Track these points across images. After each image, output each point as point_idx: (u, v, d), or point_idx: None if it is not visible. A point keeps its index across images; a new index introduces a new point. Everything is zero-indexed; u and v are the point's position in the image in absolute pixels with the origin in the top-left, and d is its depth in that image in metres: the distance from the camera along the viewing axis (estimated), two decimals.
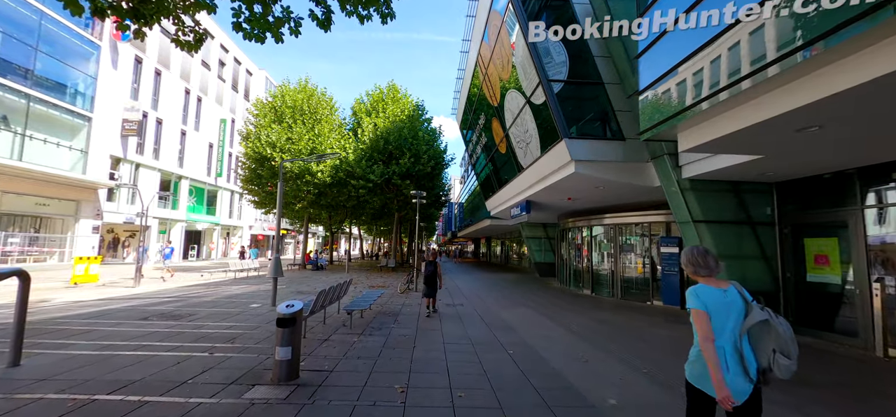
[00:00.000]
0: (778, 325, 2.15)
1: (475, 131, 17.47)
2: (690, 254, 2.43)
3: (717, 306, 2.24)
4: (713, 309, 2.24)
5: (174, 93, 29.64)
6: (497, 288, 15.34)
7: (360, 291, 12.88)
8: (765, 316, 2.18)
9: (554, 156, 9.27)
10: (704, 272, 2.36)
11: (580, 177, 8.84)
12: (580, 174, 8.64)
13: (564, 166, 8.93)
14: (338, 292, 7.82)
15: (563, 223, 16.06)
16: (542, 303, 11.02)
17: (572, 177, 8.88)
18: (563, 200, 12.13)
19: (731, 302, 2.26)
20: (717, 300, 2.25)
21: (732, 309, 2.25)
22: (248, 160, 21.65)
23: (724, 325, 2.23)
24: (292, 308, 4.44)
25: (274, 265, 9.31)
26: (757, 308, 2.23)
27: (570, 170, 8.67)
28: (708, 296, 2.26)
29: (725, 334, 2.22)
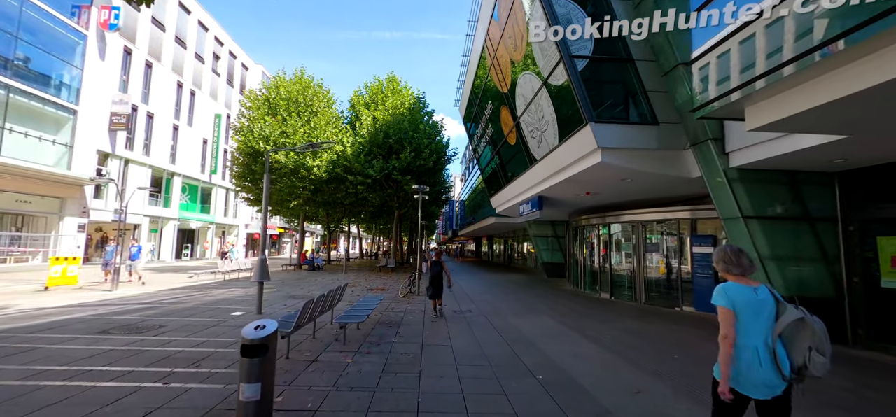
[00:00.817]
0: (813, 323, 2.16)
1: (480, 123, 16.38)
2: (723, 252, 2.44)
3: (747, 304, 2.25)
4: (743, 308, 2.25)
5: (166, 86, 28.53)
6: (505, 290, 14.27)
7: (357, 295, 11.82)
8: (800, 314, 2.19)
9: (575, 144, 8.19)
10: (737, 271, 2.37)
11: (607, 167, 7.77)
12: (607, 164, 7.57)
13: (589, 155, 7.85)
14: (331, 299, 6.75)
15: (575, 221, 14.99)
16: (559, 309, 9.95)
17: (598, 167, 7.80)
18: (580, 195, 11.05)
19: (763, 301, 2.27)
20: (747, 298, 2.26)
21: (763, 307, 2.25)
22: (241, 155, 20.57)
23: (755, 324, 2.24)
24: (262, 330, 3.36)
25: (259, 268, 8.23)
26: (791, 307, 2.23)
27: (596, 159, 7.59)
28: (737, 295, 2.28)
29: (756, 332, 2.23)
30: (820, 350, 2.12)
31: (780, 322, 2.22)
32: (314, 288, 13.66)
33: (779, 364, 2.17)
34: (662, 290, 10.52)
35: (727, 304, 2.28)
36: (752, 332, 2.24)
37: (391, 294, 12.45)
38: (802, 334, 2.18)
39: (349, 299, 10.93)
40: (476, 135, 18.27)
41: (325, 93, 22.38)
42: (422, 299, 11.47)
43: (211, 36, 33.98)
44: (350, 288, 13.50)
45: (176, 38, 29.55)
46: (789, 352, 2.20)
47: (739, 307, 2.26)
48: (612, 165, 7.65)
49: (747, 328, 2.24)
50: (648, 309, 10.17)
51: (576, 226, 14.99)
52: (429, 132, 20.86)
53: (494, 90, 13.24)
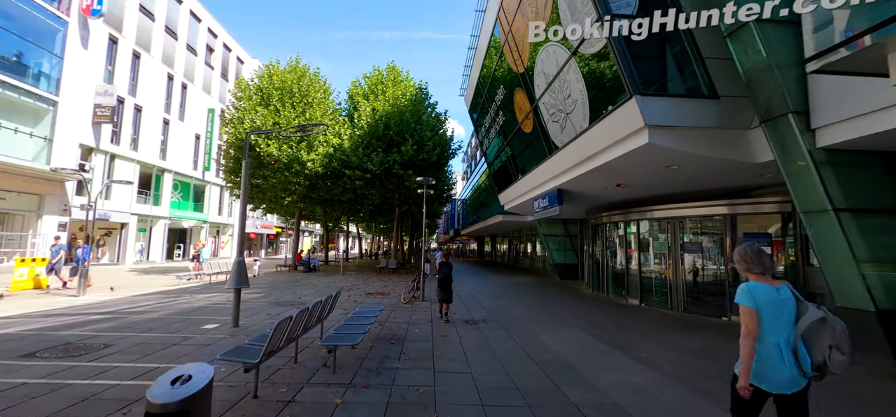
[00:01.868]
0: (835, 323, 2.22)
1: (489, 112, 15.04)
2: (744, 252, 2.47)
3: (769, 303, 2.30)
4: (766, 307, 2.30)
5: (155, 78, 27.19)
6: (517, 294, 12.93)
7: (354, 301, 10.48)
8: (821, 313, 2.24)
9: (613, 125, 6.84)
10: (758, 269, 2.42)
11: (654, 151, 6.42)
12: (655, 147, 6.22)
13: (631, 136, 6.51)
14: (317, 312, 5.42)
15: (594, 218, 13.65)
16: (586, 318, 8.61)
17: (642, 152, 6.46)
18: (608, 188, 9.71)
19: (784, 300, 2.32)
20: (769, 297, 2.31)
21: (785, 306, 2.31)
22: (230, 148, 19.22)
23: (777, 322, 2.28)
24: (182, 387, 2.02)
25: (235, 272, 6.89)
26: (812, 307, 2.28)
27: (641, 141, 6.25)
28: (761, 294, 2.32)
29: (779, 330, 2.28)
30: (840, 349, 2.18)
31: (802, 321, 2.27)
32: (307, 292, 12.32)
33: (800, 361, 2.24)
34: (704, 296, 9.18)
35: (750, 304, 2.32)
36: (775, 330, 2.29)
37: (392, 299, 11.12)
38: (823, 333, 2.23)
39: (345, 306, 9.60)
40: (484, 125, 16.92)
41: (321, 84, 21.04)
42: (427, 305, 10.15)
43: (204, 27, 32.63)
44: (346, 293, 12.17)
45: (166, 28, 28.20)
46: (810, 350, 2.27)
47: (762, 306, 2.30)
48: (660, 148, 6.31)
49: (770, 326, 2.30)
50: (690, 318, 8.82)
51: (595, 224, 13.64)
52: (432, 124, 19.51)
53: (508, 72, 11.89)
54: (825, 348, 2.22)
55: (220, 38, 35.21)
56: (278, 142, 17.93)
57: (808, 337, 2.27)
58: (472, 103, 17.50)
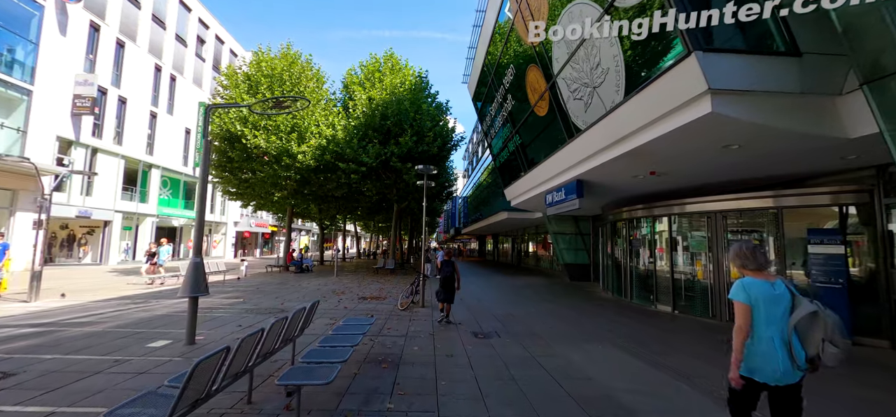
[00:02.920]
0: (827, 317, 2.25)
1: (496, 98, 13.68)
2: (739, 249, 2.57)
3: (765, 298, 2.36)
4: (761, 302, 2.35)
5: (142, 69, 25.84)
6: (530, 299, 11.60)
7: (344, 307, 9.14)
8: (814, 308, 2.27)
9: (660, 94, 5.50)
10: (753, 266, 2.48)
11: (715, 124, 5.08)
12: (719, 118, 4.88)
13: (686, 107, 5.16)
14: (281, 335, 4.08)
15: (612, 214, 12.31)
16: (620, 331, 7.27)
17: (700, 125, 5.11)
18: (640, 176, 8.36)
19: (780, 295, 2.36)
20: (765, 293, 2.37)
21: (780, 301, 2.35)
22: (216, 139, 17.86)
23: (772, 316, 2.34)
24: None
25: (188, 278, 5.55)
26: (806, 301, 2.32)
27: (700, 110, 4.91)
28: (756, 290, 2.38)
29: (773, 324, 2.33)
30: (833, 342, 2.21)
31: (794, 315, 2.30)
32: (294, 296, 10.99)
33: (793, 354, 2.27)
34: None
35: (745, 300, 2.39)
36: (770, 324, 2.34)
37: (389, 304, 9.78)
38: (816, 327, 2.26)
39: (333, 314, 8.26)
40: (489, 114, 15.57)
41: (314, 72, 19.67)
42: (428, 312, 8.81)
43: (194, 17, 31.27)
44: (337, 297, 10.84)
45: (153, 17, 26.85)
46: (803, 344, 2.29)
47: (758, 301, 2.36)
48: (725, 121, 4.97)
49: (765, 320, 2.35)
50: None
51: (614, 221, 12.29)
52: (432, 114, 18.14)
53: (519, 47, 10.55)
54: (818, 341, 2.26)
55: (212, 29, 33.85)
56: (266, 133, 16.58)
57: (802, 330, 2.31)
58: (476, 90, 16.15)
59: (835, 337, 2.21)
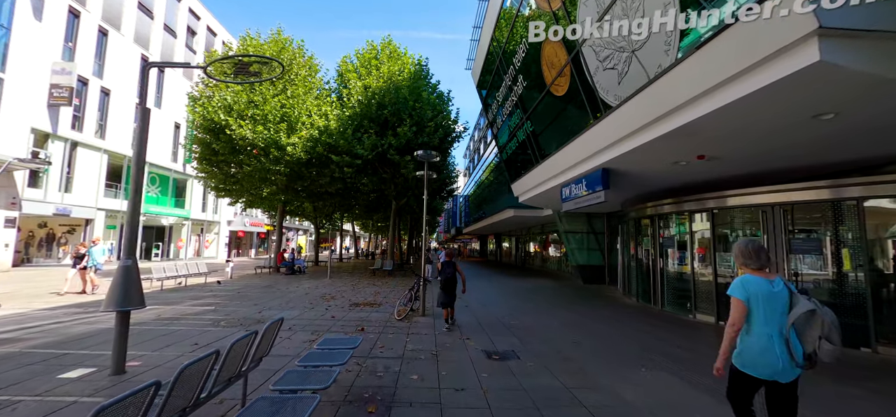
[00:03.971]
0: (824, 314, 2.29)
1: (504, 81, 12.36)
2: (743, 247, 2.58)
3: (763, 296, 2.39)
4: (759, 299, 2.39)
5: (126, 59, 24.53)
6: (544, 306, 10.29)
7: (331, 317, 7.81)
8: (812, 305, 2.31)
9: (740, 44, 4.18)
10: (755, 264, 2.51)
11: (820, 77, 3.77)
12: (827, 67, 3.57)
13: (781, 56, 3.83)
14: (245, 356, 2.74)
15: (635, 210, 11.00)
16: (664, 349, 5.94)
17: (802, 78, 3.80)
18: (681, 161, 7.04)
19: (778, 293, 2.40)
20: (763, 290, 2.41)
21: (778, 299, 2.39)
22: (198, 131, 16.53)
23: (770, 314, 2.38)
24: None
25: (117, 286, 4.23)
26: (804, 299, 2.37)
27: (805, 58, 3.60)
28: (755, 287, 2.42)
29: (772, 322, 2.38)
30: (829, 340, 2.26)
31: (792, 312, 2.34)
32: (276, 304, 9.66)
33: (791, 351, 2.32)
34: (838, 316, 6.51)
35: (742, 297, 2.44)
36: (768, 321, 2.38)
37: (384, 312, 8.46)
38: (813, 324, 2.31)
39: (317, 326, 6.94)
40: (495, 102, 14.24)
41: (307, 59, 18.35)
42: (429, 322, 7.49)
43: (184, 7, 29.94)
44: (326, 304, 9.51)
45: (139, 5, 25.54)
46: (801, 341, 2.34)
47: (756, 298, 2.40)
48: (835, 72, 3.65)
49: (764, 317, 2.39)
50: None
51: (638, 217, 10.97)
52: (433, 103, 16.80)
53: (536, 12, 9.22)
54: (815, 338, 2.30)
55: (204, 20, 32.51)
56: (253, 123, 15.25)
57: (799, 328, 2.35)
58: (481, 77, 14.83)
59: (831, 335, 2.27)
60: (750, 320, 2.44)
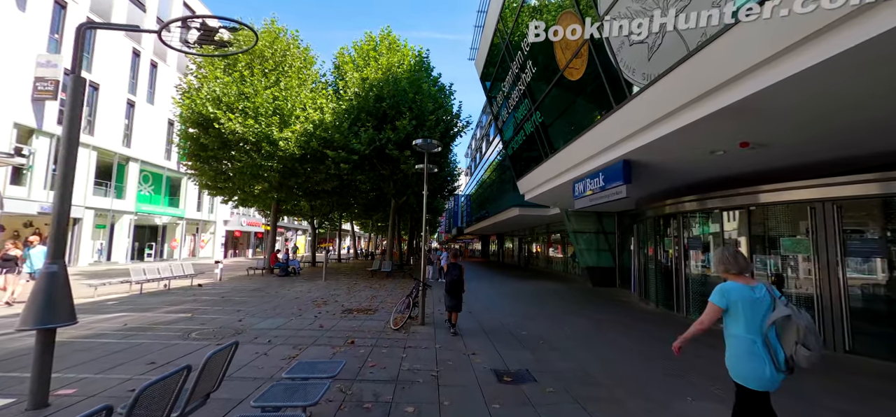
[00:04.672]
0: (799, 320, 2.32)
1: (510, 70, 11.48)
2: (722, 255, 2.63)
3: (745, 302, 2.41)
4: (741, 305, 2.42)
5: (117, 53, 23.74)
6: (555, 313, 9.42)
7: (316, 329, 6.94)
8: (788, 311, 2.34)
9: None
10: (735, 269, 2.55)
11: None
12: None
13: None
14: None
15: (652, 209, 10.13)
16: (707, 371, 5.06)
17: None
18: (718, 151, 6.16)
19: (760, 298, 2.42)
20: (745, 296, 2.42)
21: (761, 305, 2.40)
22: (186, 124, 15.70)
23: (752, 319, 2.39)
24: None
25: (36, 298, 3.37)
26: (781, 304, 2.39)
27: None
28: (735, 293, 2.45)
29: (754, 327, 2.39)
30: (805, 345, 2.28)
31: (771, 316, 2.36)
32: (261, 310, 8.80)
33: (773, 355, 2.34)
34: (888, 328, 5.61)
35: (720, 304, 2.48)
36: (751, 327, 2.39)
37: (379, 320, 7.60)
38: (789, 329, 2.34)
39: (299, 338, 6.08)
40: (500, 93, 13.37)
41: (302, 50, 17.50)
42: (429, 332, 6.63)
43: (179, 0, 29.09)
44: (317, 310, 8.65)
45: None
46: (781, 345, 2.37)
47: (736, 304, 2.43)
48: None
49: (746, 323, 2.40)
50: (872, 366, 5.27)
51: (656, 216, 10.09)
52: (434, 95, 15.93)
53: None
54: (792, 344, 2.32)
55: (199, 13, 31.60)
56: (243, 116, 14.39)
57: (778, 333, 2.37)
58: (485, 67, 13.95)
59: (807, 340, 2.29)
60: (733, 326, 2.47)
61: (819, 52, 3.42)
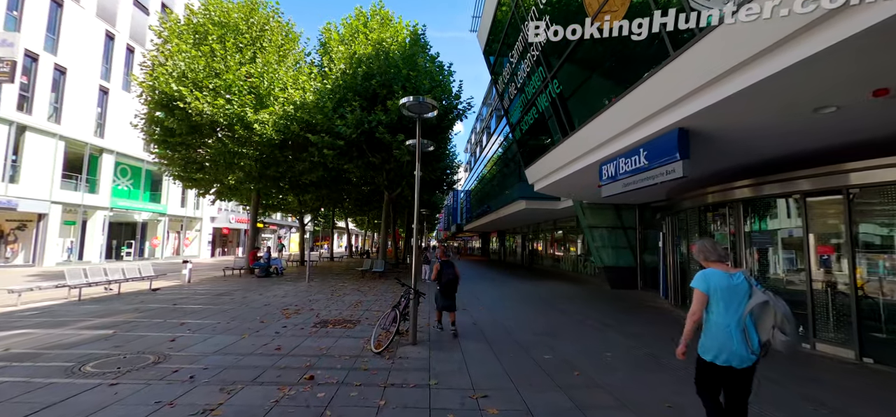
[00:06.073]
0: (777, 306, 2.38)
1: (521, 35, 9.69)
2: (702, 245, 2.73)
3: (723, 288, 2.51)
4: (719, 291, 2.51)
5: (88, 35, 21.84)
6: (587, 328, 7.68)
7: (270, 354, 5.17)
8: (765, 297, 2.41)
9: None
10: (714, 257, 2.66)
11: None
12: None
13: None
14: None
15: (689, 197, 8.37)
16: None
17: None
18: (832, 104, 4.39)
19: (737, 285, 2.51)
20: (723, 283, 2.52)
21: (737, 292, 2.50)
22: (148, 106, 13.86)
23: (730, 305, 2.49)
24: None
25: None
26: (759, 291, 2.47)
27: None
28: (715, 280, 2.54)
29: (731, 313, 2.48)
30: (782, 330, 2.35)
31: (749, 303, 2.45)
32: (208, 325, 7.03)
33: (748, 339, 2.44)
34: None
35: (703, 288, 2.57)
36: (728, 312, 2.49)
37: (358, 338, 5.84)
38: (766, 315, 2.42)
39: (237, 374, 4.32)
40: (508, 67, 11.57)
41: (283, 25, 15.67)
42: (421, 355, 4.85)
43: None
44: (282, 322, 6.88)
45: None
46: (757, 329, 2.46)
47: (716, 290, 2.52)
48: None
49: (724, 308, 2.50)
50: None
51: (697, 206, 8.33)
52: (431, 72, 14.12)
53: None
54: (769, 329, 2.40)
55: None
56: (212, 95, 12.57)
57: (755, 318, 2.45)
58: (490, 35, 12.15)
59: (784, 325, 2.35)
60: (710, 311, 2.56)
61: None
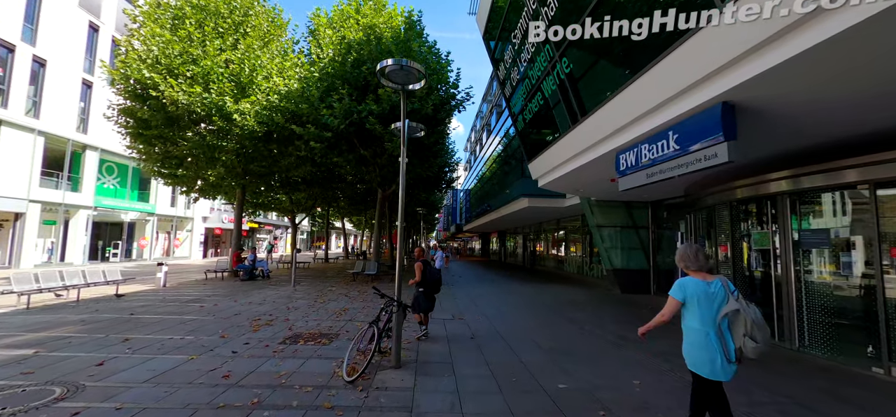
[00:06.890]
0: (747, 314, 2.43)
1: (526, 8, 8.64)
2: (684, 252, 2.73)
3: (700, 296, 2.52)
4: (696, 299, 2.53)
5: (70, 26, 20.87)
6: (609, 344, 6.65)
7: (216, 382, 4.12)
8: (737, 305, 2.45)
9: None
10: (694, 266, 2.66)
11: None
12: None
13: None
14: None
15: (716, 193, 7.32)
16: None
17: None
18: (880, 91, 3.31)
19: (715, 293, 2.52)
20: (700, 291, 2.53)
21: (715, 299, 2.51)
22: (121, 96, 12.83)
23: (707, 313, 2.50)
24: None
25: None
26: (732, 298, 2.49)
27: None
28: (692, 288, 2.56)
29: (708, 321, 2.50)
30: (752, 337, 2.39)
31: (722, 310, 2.47)
32: (160, 341, 6.01)
33: (725, 346, 2.47)
34: None
35: (678, 297, 2.60)
36: (705, 320, 2.50)
37: (330, 359, 4.79)
38: (738, 323, 2.47)
39: (175, 400, 3.27)
40: (510, 48, 10.52)
41: (268, 11, 14.65)
42: (403, 383, 3.81)
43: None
44: (244, 338, 5.84)
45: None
46: (732, 337, 2.50)
47: (692, 299, 2.54)
48: None
49: (700, 316, 2.52)
50: None
51: (732, 201, 7.26)
52: (426, 58, 13.08)
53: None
54: (740, 335, 2.44)
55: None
56: (188, 82, 11.54)
57: (729, 325, 2.51)
58: (491, 15, 11.10)
59: (754, 333, 2.38)
60: (689, 318, 2.58)
61: None
